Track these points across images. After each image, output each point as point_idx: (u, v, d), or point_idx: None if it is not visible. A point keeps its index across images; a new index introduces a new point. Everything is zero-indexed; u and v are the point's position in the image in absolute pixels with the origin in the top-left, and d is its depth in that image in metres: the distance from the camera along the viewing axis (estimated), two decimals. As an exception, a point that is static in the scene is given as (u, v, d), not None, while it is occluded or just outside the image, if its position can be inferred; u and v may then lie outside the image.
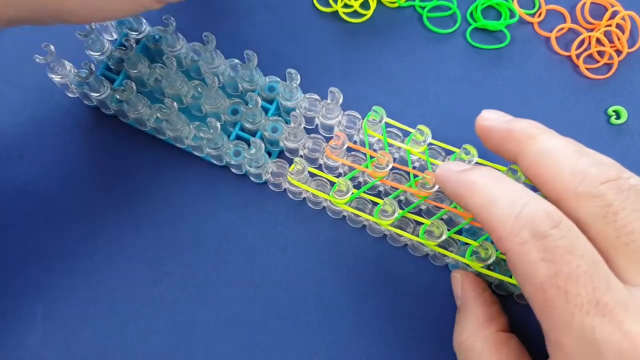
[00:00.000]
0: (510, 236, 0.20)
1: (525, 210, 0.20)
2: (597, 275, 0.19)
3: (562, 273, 0.19)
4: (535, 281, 0.19)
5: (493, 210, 0.20)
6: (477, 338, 0.24)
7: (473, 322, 0.24)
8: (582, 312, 0.18)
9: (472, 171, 0.22)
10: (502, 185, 0.21)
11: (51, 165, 0.30)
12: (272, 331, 0.27)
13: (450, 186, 0.23)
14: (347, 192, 0.26)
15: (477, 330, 0.24)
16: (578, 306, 0.18)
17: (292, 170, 0.27)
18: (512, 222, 0.20)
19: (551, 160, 0.22)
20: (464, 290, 0.26)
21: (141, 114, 0.28)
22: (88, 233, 0.29)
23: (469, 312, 0.25)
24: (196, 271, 0.28)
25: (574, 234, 0.19)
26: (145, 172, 0.30)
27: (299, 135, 0.28)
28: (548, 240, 0.19)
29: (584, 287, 0.18)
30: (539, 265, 0.19)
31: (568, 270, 0.19)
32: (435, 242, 0.26)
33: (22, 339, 0.27)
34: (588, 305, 0.18)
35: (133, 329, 0.27)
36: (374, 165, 0.27)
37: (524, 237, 0.19)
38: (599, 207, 0.20)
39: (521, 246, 0.19)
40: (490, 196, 0.21)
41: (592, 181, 0.21)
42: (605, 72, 0.33)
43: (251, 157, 0.27)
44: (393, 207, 0.26)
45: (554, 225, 0.19)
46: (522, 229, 0.19)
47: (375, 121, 0.28)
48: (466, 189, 0.22)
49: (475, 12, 0.34)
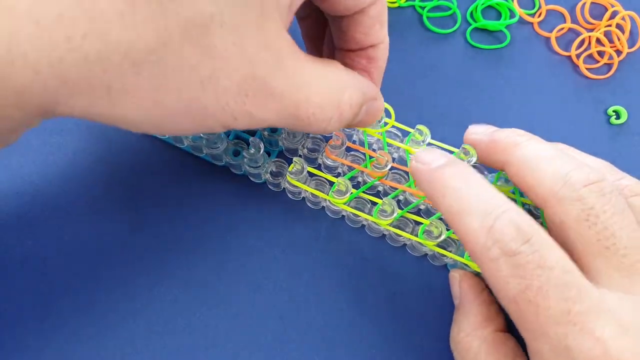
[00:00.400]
0: (483, 251, 0.20)
1: (497, 224, 0.20)
2: (567, 286, 0.19)
3: (533, 287, 0.19)
4: (507, 295, 0.20)
5: (465, 220, 0.20)
6: (475, 337, 0.24)
7: (471, 321, 0.25)
8: (554, 323, 0.19)
9: (446, 169, 0.22)
10: (475, 191, 0.21)
11: (51, 164, 0.30)
12: (272, 331, 0.27)
13: (423, 184, 0.23)
14: (346, 192, 0.26)
15: (474, 329, 0.24)
16: (549, 317, 0.19)
17: (291, 170, 0.27)
18: (484, 238, 0.20)
19: (535, 166, 0.22)
20: (462, 289, 0.26)
21: None
22: (87, 233, 0.29)
23: (467, 311, 0.25)
24: (196, 271, 0.28)
25: (546, 246, 0.20)
26: (145, 172, 0.30)
27: (298, 135, 0.28)
28: (519, 257, 0.19)
29: (554, 299, 0.19)
30: (509, 281, 0.19)
31: (538, 284, 0.19)
32: (434, 242, 0.26)
33: (22, 339, 0.27)
34: (559, 316, 0.19)
35: (133, 329, 0.27)
36: (373, 165, 0.27)
37: (495, 254, 0.20)
38: (580, 210, 0.21)
39: (493, 262, 0.20)
40: (462, 204, 0.21)
41: (574, 184, 0.21)
42: (605, 72, 0.33)
43: (250, 157, 0.27)
44: (392, 207, 0.26)
45: (524, 241, 0.19)
46: (494, 245, 0.20)
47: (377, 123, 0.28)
48: (438, 191, 0.22)
49: (475, 12, 0.34)
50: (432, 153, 0.23)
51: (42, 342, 0.27)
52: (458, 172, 0.22)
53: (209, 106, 0.19)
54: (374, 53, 0.25)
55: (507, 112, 0.32)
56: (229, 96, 0.19)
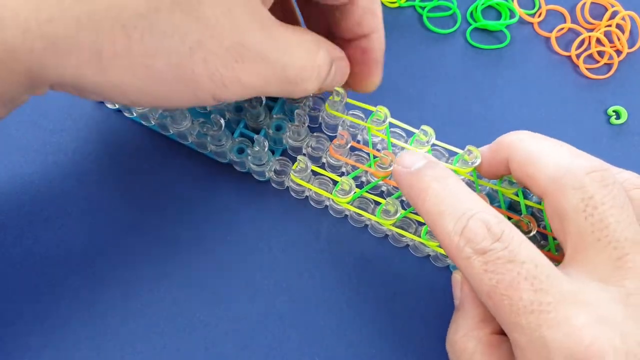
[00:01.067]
0: (456, 251, 0.21)
1: (469, 225, 0.21)
2: (539, 278, 0.19)
3: (504, 281, 0.20)
4: (482, 291, 0.20)
5: (441, 223, 0.21)
6: (471, 338, 0.24)
7: (468, 322, 0.25)
8: (527, 312, 0.19)
9: (424, 172, 0.23)
10: (451, 195, 0.22)
11: (51, 164, 0.30)
12: (272, 331, 0.27)
13: (403, 188, 0.24)
14: (349, 191, 0.26)
15: (471, 330, 0.24)
16: (521, 308, 0.19)
17: (295, 168, 0.27)
18: (457, 239, 0.21)
19: (537, 156, 0.23)
20: (463, 291, 0.26)
21: (145, 110, 0.29)
22: (87, 233, 0.29)
23: (465, 312, 0.25)
24: (196, 271, 0.28)
25: (517, 243, 0.20)
26: (146, 172, 0.30)
27: (303, 134, 0.28)
28: (489, 254, 0.20)
29: (526, 290, 0.19)
30: (482, 277, 0.20)
31: (509, 278, 0.19)
32: (437, 242, 0.26)
33: (22, 339, 0.27)
34: (531, 306, 0.19)
35: (133, 329, 0.27)
36: (377, 165, 0.27)
37: (467, 253, 0.20)
38: (580, 200, 0.21)
39: (466, 260, 0.21)
40: (439, 208, 0.22)
41: (576, 172, 0.21)
42: (605, 72, 0.33)
43: (254, 154, 0.27)
44: (395, 207, 0.26)
45: (495, 239, 0.20)
46: (466, 245, 0.21)
47: (379, 121, 0.28)
48: (417, 195, 0.23)
49: (475, 12, 0.34)
50: (413, 155, 0.24)
51: (42, 342, 0.27)
52: (436, 175, 0.23)
53: (197, 72, 0.19)
54: (367, 43, 0.26)
55: (507, 112, 0.32)
56: (218, 62, 0.19)
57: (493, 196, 0.28)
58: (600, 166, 0.21)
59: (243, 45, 0.20)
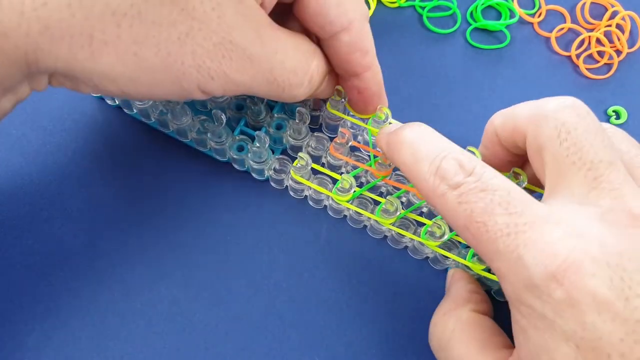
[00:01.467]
0: (432, 192, 0.21)
1: (442, 164, 0.21)
2: (512, 203, 0.20)
3: (478, 209, 0.20)
4: (459, 224, 0.21)
5: (417, 168, 0.22)
6: (451, 317, 0.24)
7: (449, 303, 0.25)
8: (504, 236, 0.19)
9: (402, 129, 0.24)
10: (426, 142, 0.23)
11: (51, 164, 0.30)
12: (272, 331, 0.27)
13: (383, 148, 0.24)
14: (349, 189, 0.26)
15: (452, 309, 0.24)
16: (498, 232, 0.19)
17: (296, 165, 0.27)
18: (432, 179, 0.21)
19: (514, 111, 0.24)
20: (451, 277, 0.27)
21: (146, 106, 0.29)
22: (87, 232, 0.29)
23: (449, 295, 0.26)
24: (196, 271, 0.28)
25: (488, 174, 0.21)
26: (147, 171, 0.30)
27: (303, 133, 0.28)
28: (462, 187, 0.20)
29: (500, 214, 0.19)
30: (457, 209, 0.20)
31: (482, 205, 0.20)
32: (437, 242, 0.26)
33: (22, 339, 0.27)
34: (507, 228, 0.19)
35: (133, 329, 0.27)
36: (377, 165, 0.27)
37: (442, 190, 0.21)
38: (554, 128, 0.21)
39: (441, 198, 0.21)
40: (415, 154, 0.22)
41: (551, 107, 0.22)
42: (605, 72, 0.33)
43: (255, 151, 0.27)
44: (395, 206, 0.26)
45: (467, 174, 0.21)
46: (441, 182, 0.21)
47: (380, 121, 0.28)
48: (395, 148, 0.23)
49: (475, 12, 0.34)
50: (392, 125, 0.25)
51: (42, 342, 0.27)
52: (411, 130, 0.23)
53: (186, 63, 0.20)
54: (359, 83, 0.26)
55: (507, 112, 0.32)
56: (205, 55, 0.20)
57: None
58: (574, 99, 0.22)
59: (231, 42, 0.20)
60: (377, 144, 0.25)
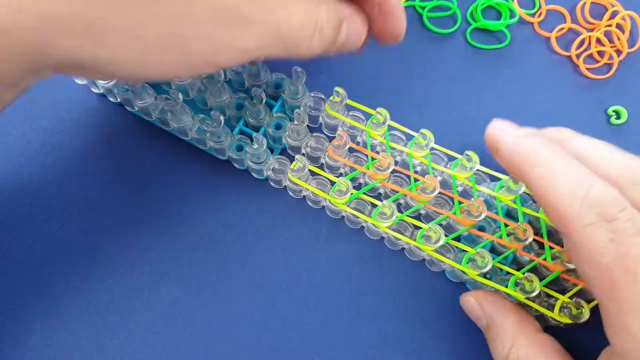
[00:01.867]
0: (577, 216, 0.20)
1: (592, 192, 0.20)
2: None
3: (631, 254, 0.19)
4: (601, 261, 0.19)
5: (556, 188, 0.20)
6: (519, 346, 0.23)
7: (509, 332, 0.24)
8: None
9: (532, 139, 0.22)
10: (566, 162, 0.21)
11: (51, 164, 0.30)
12: (272, 331, 0.27)
13: (505, 151, 0.23)
14: (346, 192, 0.26)
15: (515, 338, 0.24)
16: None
17: (293, 167, 0.27)
18: (579, 203, 0.20)
19: (592, 155, 0.22)
20: (485, 308, 0.25)
21: (146, 104, 0.29)
22: (87, 232, 0.29)
23: (500, 325, 0.24)
24: (196, 271, 0.28)
25: (638, 217, 0.19)
26: (147, 169, 0.30)
27: (302, 133, 0.28)
28: (616, 222, 0.19)
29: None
30: (607, 246, 0.19)
31: (637, 251, 0.19)
32: (432, 247, 0.25)
33: (22, 339, 0.27)
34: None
35: (133, 329, 0.27)
36: (375, 167, 0.27)
37: (592, 219, 0.19)
38: None
39: (588, 227, 0.19)
40: (553, 172, 0.21)
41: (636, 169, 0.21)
42: (605, 72, 0.33)
43: (253, 152, 0.27)
44: (391, 210, 0.26)
45: (620, 209, 0.19)
46: (590, 210, 0.19)
47: (379, 123, 0.28)
48: (526, 160, 0.22)
49: (475, 12, 0.34)
50: (508, 123, 0.23)
51: (42, 342, 0.27)
52: (544, 144, 0.22)
53: (189, 37, 0.19)
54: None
55: (507, 112, 0.32)
56: (208, 26, 0.19)
57: (490, 203, 0.28)
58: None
59: (228, 9, 0.19)
60: (493, 139, 0.23)
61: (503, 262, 0.26)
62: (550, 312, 0.25)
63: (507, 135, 0.23)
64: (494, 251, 0.27)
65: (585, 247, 0.20)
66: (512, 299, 0.26)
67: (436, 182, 0.26)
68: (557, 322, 0.25)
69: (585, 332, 0.21)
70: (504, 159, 0.23)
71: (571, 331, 0.25)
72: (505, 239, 0.26)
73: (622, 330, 0.19)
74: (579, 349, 0.24)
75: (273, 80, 0.30)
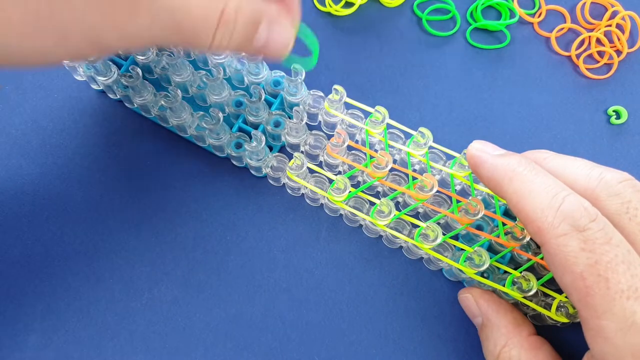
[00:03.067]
0: (551, 228, 0.21)
1: (565, 204, 0.21)
2: (633, 264, 0.20)
3: (602, 262, 0.19)
4: (575, 270, 0.20)
5: (532, 201, 0.21)
6: (512, 346, 0.24)
7: (503, 332, 0.25)
8: (623, 298, 0.19)
9: (510, 157, 0.23)
10: (541, 177, 0.22)
11: (51, 164, 0.30)
12: (272, 331, 0.27)
13: (485, 169, 0.23)
14: (344, 190, 0.26)
15: (509, 338, 0.24)
16: (619, 292, 0.19)
17: (292, 165, 0.27)
18: (553, 215, 0.21)
19: (565, 171, 0.23)
20: (481, 306, 0.26)
21: (146, 101, 0.29)
22: (87, 232, 0.29)
23: (495, 324, 0.25)
24: (196, 271, 0.28)
25: (610, 227, 0.20)
26: (147, 168, 0.30)
27: (301, 131, 0.28)
28: (588, 232, 0.20)
29: (623, 274, 0.19)
30: (579, 255, 0.20)
31: (607, 259, 0.19)
32: (430, 245, 0.25)
33: (22, 339, 0.27)
34: (628, 291, 0.19)
35: (133, 329, 0.27)
36: (373, 165, 0.27)
37: (564, 229, 0.20)
38: (620, 204, 0.21)
39: (562, 237, 0.20)
40: (530, 186, 0.22)
41: (610, 181, 0.22)
42: (605, 72, 0.33)
43: (252, 149, 0.28)
44: (389, 208, 0.26)
45: (592, 219, 0.20)
46: (563, 221, 0.20)
47: (377, 121, 0.28)
48: (504, 175, 0.23)
49: (475, 12, 0.34)
50: (489, 144, 0.24)
51: (42, 342, 0.27)
52: (521, 161, 0.23)
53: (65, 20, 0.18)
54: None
55: (507, 112, 0.32)
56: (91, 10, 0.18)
57: (488, 202, 0.28)
58: (628, 175, 0.22)
59: None
60: (474, 159, 0.24)
61: (500, 261, 0.26)
62: (547, 311, 0.25)
63: (487, 155, 0.24)
64: (491, 250, 0.27)
65: (559, 257, 0.20)
66: (509, 297, 0.26)
67: (434, 180, 0.26)
68: (554, 321, 0.25)
69: (579, 332, 0.21)
70: (484, 177, 0.24)
71: (565, 332, 0.25)
72: (503, 238, 0.26)
73: (598, 335, 0.20)
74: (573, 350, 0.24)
75: (272, 77, 0.30)
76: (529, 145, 0.31)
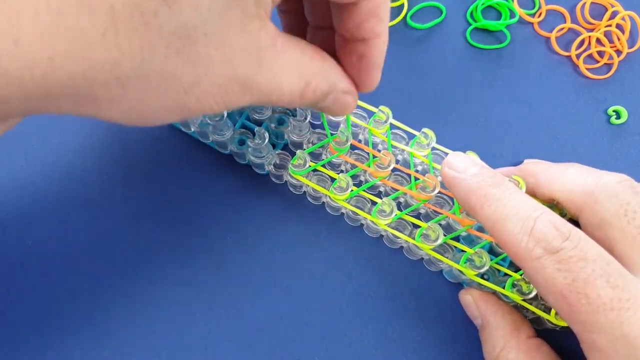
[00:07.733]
0: (526, 252, 0.21)
1: (537, 226, 0.21)
2: (612, 275, 0.20)
3: (580, 279, 0.20)
4: (555, 290, 0.20)
5: (506, 226, 0.21)
6: (510, 349, 0.24)
7: (501, 334, 0.25)
8: (607, 310, 0.19)
9: (481, 179, 0.23)
10: (513, 198, 0.22)
11: (51, 164, 0.30)
12: (272, 331, 0.27)
13: (459, 192, 0.24)
14: (346, 188, 0.26)
15: (507, 341, 0.24)
16: (601, 306, 0.19)
17: (294, 162, 0.27)
18: (526, 240, 0.21)
19: (566, 178, 0.24)
20: (480, 307, 0.26)
21: None
22: (87, 233, 0.29)
23: (494, 327, 0.25)
24: (196, 271, 0.28)
25: (584, 241, 0.20)
26: (146, 166, 0.30)
27: (304, 129, 0.28)
28: (561, 252, 0.20)
29: (602, 288, 0.19)
30: (556, 276, 0.20)
31: (584, 276, 0.20)
32: (431, 245, 0.25)
33: (22, 339, 0.27)
34: (611, 303, 0.19)
35: (133, 329, 0.27)
36: (376, 165, 0.27)
37: (538, 253, 0.20)
38: (618, 206, 0.22)
39: (537, 261, 0.20)
40: (502, 211, 0.22)
41: (609, 183, 0.22)
42: (605, 72, 0.33)
43: (255, 146, 0.28)
44: (391, 207, 0.26)
45: (564, 238, 0.20)
46: (536, 245, 0.21)
47: (381, 121, 0.28)
48: (476, 200, 0.23)
49: (475, 12, 0.34)
50: (462, 159, 0.24)
51: (42, 342, 0.27)
52: (493, 181, 0.23)
53: (191, 107, 0.19)
54: (364, 49, 0.24)
55: (507, 112, 0.32)
56: (210, 98, 0.19)
57: None
58: (626, 177, 0.23)
59: (235, 79, 0.19)
60: (447, 180, 0.24)
61: (501, 263, 0.26)
62: (547, 315, 0.25)
63: (458, 176, 0.24)
64: (492, 252, 0.27)
65: (538, 279, 0.21)
66: (509, 300, 0.26)
67: (436, 181, 0.26)
68: (554, 324, 0.25)
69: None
70: (458, 199, 0.24)
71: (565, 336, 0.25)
72: None
73: (592, 348, 0.20)
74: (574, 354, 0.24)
75: None
76: (528, 145, 0.31)
